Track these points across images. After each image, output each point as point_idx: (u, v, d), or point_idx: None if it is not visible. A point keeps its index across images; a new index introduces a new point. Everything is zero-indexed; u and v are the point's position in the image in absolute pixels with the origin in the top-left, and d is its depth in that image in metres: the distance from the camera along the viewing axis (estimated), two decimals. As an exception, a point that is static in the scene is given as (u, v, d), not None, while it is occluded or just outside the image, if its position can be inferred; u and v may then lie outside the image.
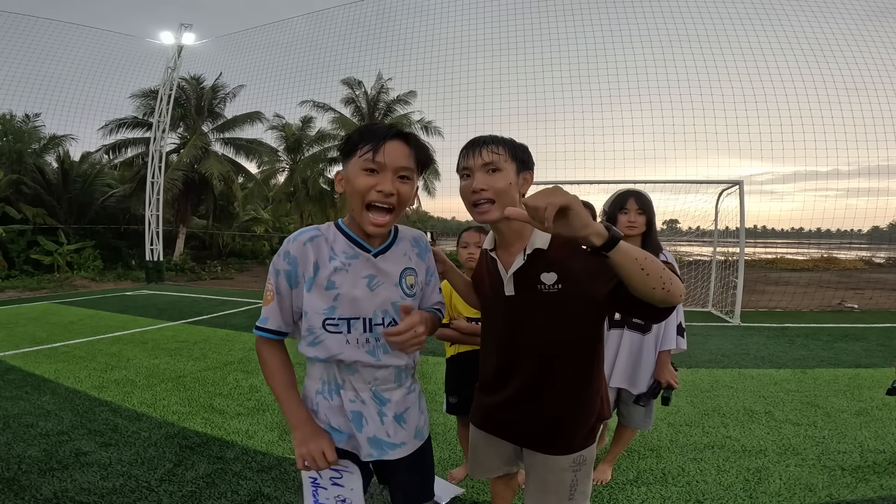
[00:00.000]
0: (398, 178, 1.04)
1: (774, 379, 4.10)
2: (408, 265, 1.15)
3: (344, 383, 1.11)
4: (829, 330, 6.31)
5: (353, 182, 1.04)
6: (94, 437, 2.86)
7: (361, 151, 1.02)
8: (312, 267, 1.05)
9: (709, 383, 3.96)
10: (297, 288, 1.07)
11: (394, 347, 1.07)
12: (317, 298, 1.05)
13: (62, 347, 5.10)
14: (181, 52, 12.89)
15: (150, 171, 12.16)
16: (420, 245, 1.22)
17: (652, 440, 2.88)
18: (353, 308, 1.07)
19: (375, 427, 1.11)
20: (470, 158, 1.14)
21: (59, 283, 11.67)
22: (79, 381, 3.92)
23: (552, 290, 1.13)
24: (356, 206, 1.04)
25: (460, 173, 1.19)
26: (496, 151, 1.13)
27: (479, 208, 1.14)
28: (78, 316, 7.09)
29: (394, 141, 1.03)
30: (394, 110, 19.35)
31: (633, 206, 2.08)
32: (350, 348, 1.07)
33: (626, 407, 2.29)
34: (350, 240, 1.10)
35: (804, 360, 4.75)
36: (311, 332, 1.07)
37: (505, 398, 1.25)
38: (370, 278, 1.08)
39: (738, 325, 6.55)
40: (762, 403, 3.51)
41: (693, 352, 4.96)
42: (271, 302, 1.08)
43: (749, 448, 2.78)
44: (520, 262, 1.16)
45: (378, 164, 1.01)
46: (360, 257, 1.08)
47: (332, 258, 1.07)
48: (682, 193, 8.06)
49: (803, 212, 12.54)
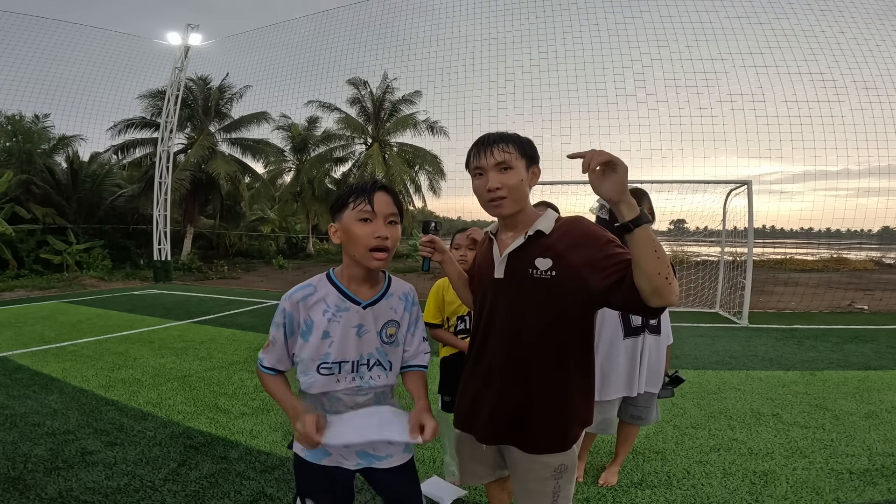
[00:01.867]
0: (388, 224, 1.18)
1: (782, 381, 4.05)
2: (392, 318, 1.28)
3: (330, 408, 1.24)
4: (839, 331, 6.22)
5: (351, 232, 1.16)
6: (99, 436, 2.89)
7: (355, 204, 1.16)
8: (304, 322, 1.20)
9: (716, 385, 3.92)
10: (293, 337, 1.22)
11: (366, 394, 1.24)
12: (312, 347, 1.20)
13: (70, 346, 5.15)
14: (188, 53, 12.98)
15: (157, 172, 12.26)
16: (407, 299, 1.34)
17: (657, 443, 2.85)
18: (343, 353, 1.21)
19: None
20: (482, 158, 1.18)
21: (69, 282, 11.78)
22: (86, 381, 3.95)
23: (543, 276, 1.15)
24: (358, 252, 1.17)
25: (472, 172, 1.23)
26: (507, 150, 1.17)
27: (493, 203, 1.19)
28: (86, 315, 7.16)
29: (380, 192, 1.17)
30: (399, 110, 19.37)
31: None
32: (338, 385, 1.22)
33: (645, 409, 2.32)
34: (342, 293, 1.22)
35: (813, 361, 4.69)
36: (305, 373, 1.23)
37: (482, 385, 1.28)
38: (359, 327, 1.22)
39: (746, 327, 6.48)
40: (770, 406, 3.47)
41: (700, 353, 4.92)
42: (269, 347, 1.24)
43: (756, 451, 2.75)
44: (519, 242, 1.19)
45: (370, 213, 1.15)
46: (350, 309, 1.22)
47: (325, 311, 1.20)
48: (689, 193, 7.99)
49: (813, 212, 12.37)
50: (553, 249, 1.16)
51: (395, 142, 19.71)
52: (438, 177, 19.51)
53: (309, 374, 1.22)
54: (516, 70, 14.99)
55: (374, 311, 1.24)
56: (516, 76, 15.30)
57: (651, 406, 2.32)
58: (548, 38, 14.26)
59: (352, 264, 1.22)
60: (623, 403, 2.30)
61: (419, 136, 19.25)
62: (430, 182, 19.75)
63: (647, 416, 2.32)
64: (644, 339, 2.16)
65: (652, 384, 2.24)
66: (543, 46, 14.23)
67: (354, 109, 19.48)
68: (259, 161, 19.01)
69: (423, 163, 19.38)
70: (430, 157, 19.22)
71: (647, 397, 2.28)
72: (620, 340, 2.13)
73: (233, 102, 17.91)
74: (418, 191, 19.51)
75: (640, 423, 2.35)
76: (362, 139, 19.82)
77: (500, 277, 1.23)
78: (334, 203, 1.21)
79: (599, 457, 2.69)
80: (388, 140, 19.52)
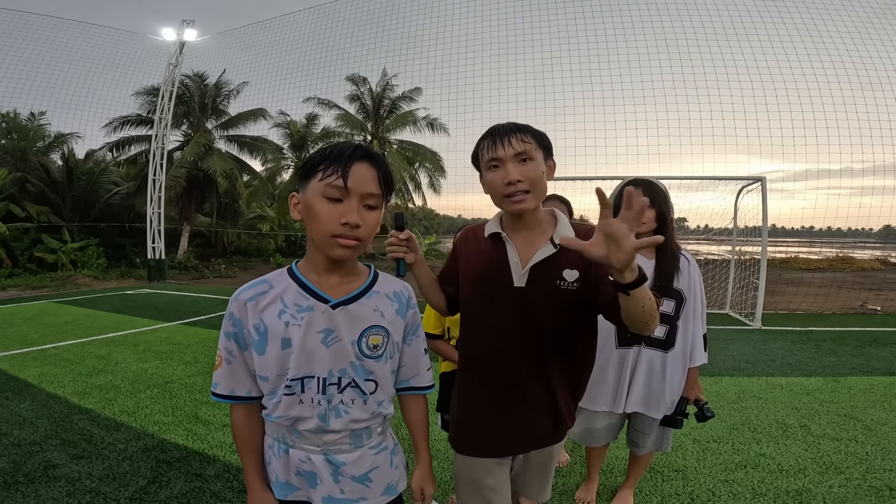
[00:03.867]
0: (364, 207, 0.90)
1: (806, 388, 3.79)
2: (377, 322, 0.98)
3: (294, 444, 0.97)
4: (856, 334, 5.97)
5: (313, 210, 0.89)
6: (66, 448, 2.69)
7: (324, 174, 0.87)
8: (255, 329, 0.92)
9: (735, 393, 3.66)
10: (248, 351, 0.94)
11: (336, 432, 0.96)
12: (273, 361, 0.92)
13: (51, 350, 4.91)
14: (183, 49, 12.74)
15: (151, 169, 12.02)
16: (401, 300, 1.04)
17: (677, 460, 2.60)
18: (307, 365, 0.93)
19: (330, 488, 0.98)
20: (500, 149, 1.09)
21: (62, 281, 11.57)
22: (61, 387, 3.72)
23: (570, 288, 1.12)
24: (319, 236, 0.90)
25: (486, 165, 1.13)
26: (526, 140, 1.09)
27: (514, 198, 1.09)
28: (74, 316, 6.92)
29: (361, 163, 0.89)
30: (399, 107, 19.15)
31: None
32: (300, 409, 0.94)
33: (641, 435, 1.97)
34: (305, 288, 0.95)
35: (834, 367, 4.43)
36: (269, 395, 0.96)
37: (515, 400, 1.19)
38: (326, 333, 0.93)
39: (760, 329, 6.22)
40: (796, 416, 3.21)
41: (714, 358, 4.65)
42: (220, 366, 0.96)
43: (786, 467, 2.52)
44: (548, 251, 1.12)
45: (342, 190, 0.87)
46: (315, 309, 0.93)
47: (281, 313, 0.92)
48: (690, 191, 7.76)
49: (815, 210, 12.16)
50: (580, 261, 1.12)
51: (395, 139, 19.48)
52: (438, 174, 19.27)
53: (275, 394, 0.94)
54: (518, 67, 14.76)
55: (349, 313, 0.95)
56: (518, 73, 15.07)
57: (650, 433, 1.93)
58: (550, 34, 14.01)
59: (315, 251, 0.95)
60: (628, 425, 2.02)
61: (419, 133, 19.01)
62: (430, 179, 19.52)
63: (643, 443, 1.96)
64: (640, 352, 1.82)
65: (650, 406, 1.86)
66: (546, 43, 13.98)
67: (354, 106, 19.25)
68: (257, 158, 18.76)
69: (423, 160, 19.14)
70: (431, 155, 18.99)
71: (644, 421, 1.92)
72: (613, 349, 1.84)
73: (230, 99, 17.65)
74: (418, 188, 19.28)
75: (636, 449, 2.01)
76: (361, 136, 19.59)
77: (521, 286, 1.14)
78: (303, 167, 0.93)
79: (613, 476, 2.43)
80: (388, 137, 19.29)
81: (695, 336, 1.84)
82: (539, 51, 14.16)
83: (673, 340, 1.81)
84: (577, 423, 1.96)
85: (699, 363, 1.87)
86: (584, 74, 12.77)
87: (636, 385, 1.84)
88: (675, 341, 1.81)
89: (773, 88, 11.68)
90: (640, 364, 1.82)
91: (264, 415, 0.97)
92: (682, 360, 1.84)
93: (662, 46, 12.60)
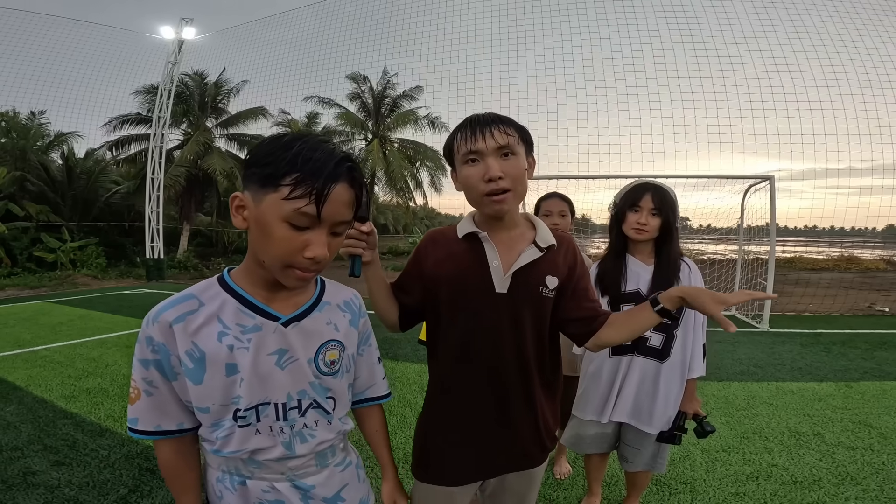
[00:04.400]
0: (331, 235, 0.76)
1: (817, 394, 3.66)
2: (332, 337, 0.87)
3: (252, 474, 0.84)
4: (866, 336, 5.82)
5: (269, 234, 0.72)
6: (48, 454, 2.61)
7: (292, 193, 0.69)
8: (188, 355, 0.76)
9: (744, 400, 3.53)
10: (178, 380, 0.78)
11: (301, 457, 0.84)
12: (215, 390, 0.77)
13: (42, 351, 4.82)
14: (182, 47, 12.66)
15: (149, 168, 11.94)
16: (352, 309, 0.94)
17: (685, 471, 2.47)
18: (261, 392, 0.80)
19: None
20: (479, 141, 0.98)
21: (61, 281, 11.51)
22: (49, 390, 3.62)
23: (550, 296, 1.08)
24: (272, 261, 0.75)
25: (463, 159, 1.01)
26: (509, 133, 0.99)
27: (494, 198, 0.99)
28: (69, 316, 6.83)
29: (340, 184, 0.73)
30: (400, 105, 19.05)
31: (648, 204, 1.64)
32: (259, 440, 0.81)
33: (630, 450, 1.83)
34: (248, 305, 0.80)
35: (846, 371, 4.29)
36: (211, 426, 0.81)
37: (498, 416, 1.10)
38: (280, 354, 0.80)
39: (767, 331, 6.08)
40: (808, 423, 3.08)
41: (722, 362, 4.52)
42: (138, 400, 0.79)
43: (800, 478, 2.40)
44: (533, 255, 1.05)
45: (313, 220, 0.71)
46: (264, 328, 0.80)
47: (222, 335, 0.77)
48: (694, 191, 7.64)
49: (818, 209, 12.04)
50: (559, 268, 1.09)
51: (396, 137, 19.38)
52: (440, 173, 19.16)
53: (220, 426, 0.80)
54: (520, 64, 14.60)
55: (303, 330, 0.83)
56: (520, 70, 14.91)
57: (640, 448, 1.79)
58: (553, 31, 13.88)
59: (258, 265, 0.79)
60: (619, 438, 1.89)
61: (420, 131, 18.90)
62: (431, 178, 19.42)
63: (632, 458, 1.82)
64: (632, 361, 1.70)
65: (640, 419, 1.73)
66: (549, 40, 13.86)
67: (354, 105, 19.16)
68: (258, 157, 18.65)
69: (425, 159, 19.03)
70: (432, 153, 18.88)
71: (635, 435, 1.78)
72: (606, 358, 1.73)
73: (230, 98, 17.56)
74: (419, 187, 19.18)
75: (626, 465, 1.87)
76: (362, 135, 19.50)
77: (502, 292, 1.05)
78: (261, 166, 0.72)
79: (618, 489, 2.31)
80: (389, 136, 19.19)
81: (694, 346, 1.72)
82: (542, 48, 14.04)
83: (669, 350, 1.69)
84: (568, 428, 1.90)
85: (697, 375, 1.75)
86: (588, 73, 12.63)
87: (625, 395, 1.72)
88: (671, 351, 1.69)
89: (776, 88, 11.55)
90: (632, 373, 1.71)
91: (212, 451, 0.82)
92: (679, 372, 1.71)
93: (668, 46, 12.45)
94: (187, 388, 0.77)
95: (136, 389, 0.78)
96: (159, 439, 0.81)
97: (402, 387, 3.78)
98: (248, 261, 0.81)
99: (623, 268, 1.71)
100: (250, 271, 0.81)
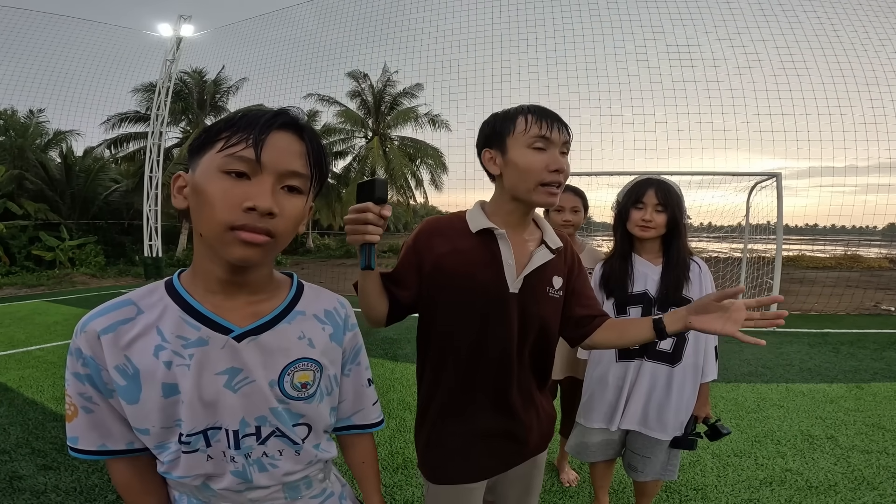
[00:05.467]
0: (282, 190, 0.63)
1: (828, 396, 3.56)
2: (304, 355, 0.72)
3: (209, 501, 0.72)
4: (874, 336, 5.72)
5: (204, 192, 0.61)
6: (36, 457, 2.54)
7: (228, 143, 0.61)
8: (119, 371, 0.64)
9: (754, 402, 3.43)
10: (113, 397, 0.66)
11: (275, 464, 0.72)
12: (147, 411, 0.65)
13: (36, 351, 4.75)
14: (180, 45, 12.55)
15: (147, 166, 11.86)
16: (336, 320, 0.78)
17: (695, 477, 2.38)
18: (208, 416, 0.67)
19: None
20: (554, 131, 0.98)
21: (59, 279, 11.44)
22: (40, 391, 3.55)
23: (556, 296, 1.09)
24: (211, 231, 0.61)
25: (528, 140, 0.98)
26: (570, 133, 1.02)
27: (551, 189, 0.99)
28: (64, 316, 6.75)
29: (283, 132, 0.63)
30: (400, 103, 18.97)
31: (652, 199, 1.57)
32: (211, 466, 0.69)
33: (639, 458, 1.73)
34: (192, 313, 0.66)
35: (856, 372, 4.20)
36: (157, 448, 0.69)
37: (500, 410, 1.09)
38: (231, 374, 0.67)
39: (774, 331, 5.98)
40: (821, 426, 2.99)
41: (729, 363, 4.42)
42: (76, 417, 0.67)
43: (815, 483, 2.32)
44: (546, 256, 1.05)
45: (251, 165, 0.60)
46: (209, 342, 0.66)
47: (159, 349, 0.64)
48: (698, 189, 7.58)
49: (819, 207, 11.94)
50: (563, 269, 1.11)
51: (396, 135, 19.30)
52: (440, 171, 19.09)
53: (165, 448, 0.68)
54: (521, 61, 14.48)
55: (261, 346, 0.69)
56: (522, 68, 14.78)
57: (650, 456, 1.69)
58: (555, 28, 13.75)
59: (206, 256, 0.66)
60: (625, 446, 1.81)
61: (420, 129, 18.84)
62: (431, 176, 19.34)
63: (642, 467, 1.72)
64: (641, 366, 1.62)
65: (651, 426, 1.65)
66: (551, 37, 13.72)
67: (354, 103, 19.08)
68: (257, 156, 18.59)
69: (425, 157, 18.96)
70: (432, 151, 18.81)
71: (645, 442, 1.69)
72: (612, 363, 1.65)
73: (229, 95, 17.48)
74: (420, 185, 19.09)
75: (635, 475, 1.76)
76: (362, 133, 19.41)
77: (514, 292, 1.03)
78: (196, 137, 0.65)
79: (626, 496, 2.22)
80: (389, 134, 19.11)
81: (707, 349, 1.64)
82: (544, 45, 13.91)
83: (680, 354, 1.60)
84: (572, 436, 1.83)
85: (711, 378, 1.67)
86: (591, 69, 12.49)
87: (634, 401, 1.64)
88: (682, 355, 1.60)
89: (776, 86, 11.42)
90: (642, 379, 1.62)
91: (161, 472, 0.71)
92: (692, 376, 1.63)
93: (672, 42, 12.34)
94: (123, 407, 0.66)
95: (72, 406, 0.67)
96: (111, 459, 0.70)
97: (402, 388, 3.69)
98: (195, 257, 0.68)
99: (630, 268, 1.64)
100: (198, 270, 0.68)
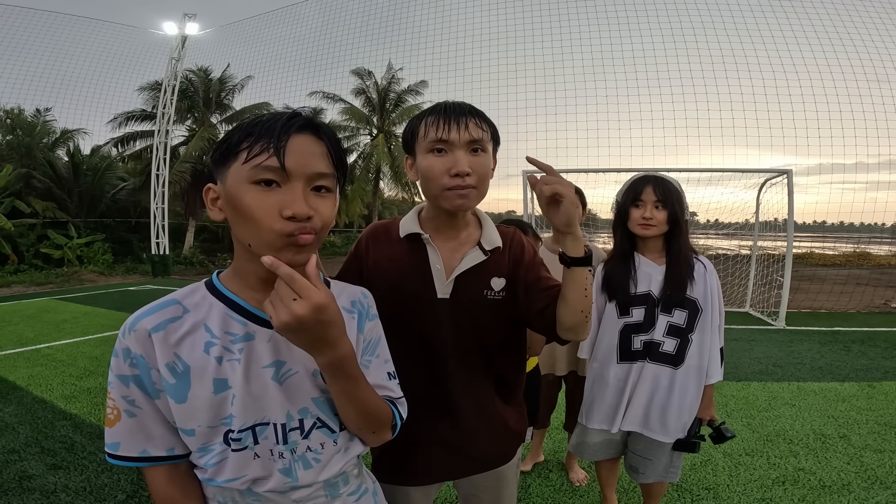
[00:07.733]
0: (313, 192, 0.66)
1: (840, 395, 3.52)
2: None
3: None
4: (885, 335, 5.65)
5: (241, 205, 0.63)
6: (45, 457, 2.55)
7: (250, 154, 0.62)
8: (168, 369, 0.65)
9: (765, 401, 3.39)
10: (161, 398, 0.67)
11: (306, 487, 0.73)
12: (196, 409, 0.66)
13: (45, 349, 4.77)
14: (185, 43, 12.58)
15: (154, 164, 11.91)
16: (359, 310, 0.82)
17: (707, 476, 2.36)
18: (257, 410, 0.69)
19: None
20: (453, 131, 0.91)
21: (67, 277, 11.53)
22: (49, 390, 3.57)
23: (497, 298, 1.04)
24: (259, 241, 0.64)
25: (427, 146, 0.94)
26: (483, 128, 0.94)
27: (459, 192, 0.92)
28: (73, 314, 6.80)
29: (301, 135, 0.65)
30: (405, 100, 18.93)
31: (651, 196, 1.53)
32: (258, 467, 0.69)
33: (641, 460, 1.71)
34: (238, 310, 0.70)
35: (867, 370, 4.15)
36: (200, 451, 0.69)
37: (445, 419, 1.06)
38: (276, 366, 0.70)
39: (784, 329, 5.91)
40: (833, 425, 2.95)
41: (739, 361, 4.38)
42: (118, 422, 0.67)
43: (828, 483, 2.30)
44: (477, 258, 1.00)
45: (278, 173, 0.62)
46: (256, 336, 0.70)
47: (209, 345, 0.67)
48: (705, 185, 7.51)
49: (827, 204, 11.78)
50: (505, 267, 1.04)
51: (401, 133, 19.30)
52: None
53: (209, 450, 0.68)
54: (526, 58, 14.38)
55: None
56: (527, 64, 14.68)
57: (652, 458, 1.67)
58: (560, 25, 13.64)
59: (247, 259, 0.69)
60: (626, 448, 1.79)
61: (426, 127, 18.78)
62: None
63: (643, 469, 1.70)
64: (644, 367, 1.59)
65: (652, 428, 1.62)
66: (556, 34, 13.62)
67: (359, 100, 19.05)
68: (262, 153, 18.64)
69: (430, 155, 18.91)
70: (437, 149, 18.76)
71: (646, 444, 1.67)
72: (614, 364, 1.62)
73: (234, 93, 17.51)
74: (425, 184, 19.08)
75: (636, 476, 1.75)
76: (367, 130, 19.40)
77: (444, 297, 1.00)
78: (217, 148, 0.67)
79: (635, 496, 2.20)
80: (394, 131, 19.07)
81: (711, 350, 1.61)
82: (549, 42, 13.81)
83: (684, 356, 1.57)
84: (574, 435, 1.82)
85: (715, 380, 1.64)
86: (597, 65, 12.39)
87: (636, 403, 1.61)
88: (685, 356, 1.58)
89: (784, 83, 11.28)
90: (644, 381, 1.60)
91: (204, 480, 0.71)
92: (696, 378, 1.60)
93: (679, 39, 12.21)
94: (171, 407, 0.66)
95: (115, 410, 0.67)
96: (150, 466, 0.69)
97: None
98: (236, 258, 0.71)
99: (632, 269, 1.60)
100: (238, 271, 0.71)
